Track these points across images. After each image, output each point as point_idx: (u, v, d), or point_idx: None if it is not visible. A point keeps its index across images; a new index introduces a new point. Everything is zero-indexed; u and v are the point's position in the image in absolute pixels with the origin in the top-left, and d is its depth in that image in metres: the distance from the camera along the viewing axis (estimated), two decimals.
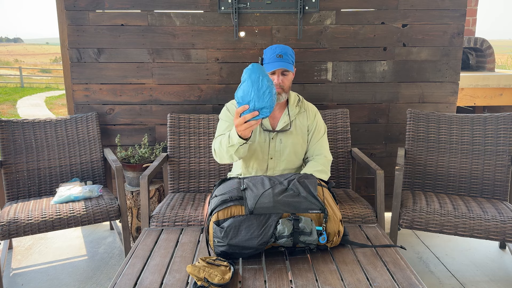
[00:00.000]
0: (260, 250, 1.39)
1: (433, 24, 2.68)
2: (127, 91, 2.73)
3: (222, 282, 1.21)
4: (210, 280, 1.20)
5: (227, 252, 1.38)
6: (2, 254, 2.38)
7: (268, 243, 1.38)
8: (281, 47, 1.91)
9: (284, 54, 1.89)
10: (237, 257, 1.40)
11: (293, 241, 1.39)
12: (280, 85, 1.90)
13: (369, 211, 2.05)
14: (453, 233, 2.01)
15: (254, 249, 1.38)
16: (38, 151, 2.49)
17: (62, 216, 2.08)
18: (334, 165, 2.47)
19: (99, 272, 2.30)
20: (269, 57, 1.90)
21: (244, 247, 1.37)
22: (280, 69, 1.89)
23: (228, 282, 1.23)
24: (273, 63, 1.87)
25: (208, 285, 1.20)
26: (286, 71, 1.91)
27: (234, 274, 1.29)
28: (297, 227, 1.38)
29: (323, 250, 1.46)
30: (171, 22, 2.64)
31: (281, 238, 1.38)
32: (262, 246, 1.38)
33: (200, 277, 1.22)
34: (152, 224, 1.99)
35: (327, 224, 1.44)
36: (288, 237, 1.38)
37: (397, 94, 2.77)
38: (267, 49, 1.93)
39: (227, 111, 2.03)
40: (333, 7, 2.64)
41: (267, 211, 1.40)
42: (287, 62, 1.89)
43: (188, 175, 2.44)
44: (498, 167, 2.32)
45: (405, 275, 1.29)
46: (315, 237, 1.39)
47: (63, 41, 2.72)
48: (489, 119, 2.39)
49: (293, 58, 1.94)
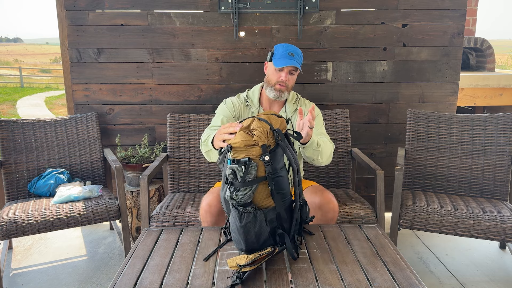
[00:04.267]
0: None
1: (433, 24, 2.68)
2: (127, 91, 2.73)
3: (248, 261, 1.26)
4: (239, 264, 1.27)
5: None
6: (2, 254, 2.38)
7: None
8: (293, 47, 1.94)
9: (295, 53, 1.92)
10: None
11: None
12: (285, 83, 1.92)
13: (369, 211, 2.05)
14: (453, 233, 2.01)
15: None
16: (38, 151, 2.49)
17: (62, 216, 2.08)
18: (334, 165, 2.47)
19: (99, 272, 2.30)
20: (281, 53, 1.91)
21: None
22: (290, 67, 1.91)
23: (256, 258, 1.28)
24: (285, 60, 1.89)
25: (240, 268, 1.25)
26: (294, 70, 1.93)
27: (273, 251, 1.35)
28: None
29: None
30: (171, 22, 2.64)
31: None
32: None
33: (234, 266, 1.28)
34: (152, 224, 1.99)
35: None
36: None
37: (397, 94, 2.77)
38: (279, 46, 1.94)
39: (224, 104, 2.05)
40: (333, 7, 2.64)
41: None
42: (298, 62, 1.91)
43: (188, 175, 2.44)
44: (498, 167, 2.32)
45: (405, 275, 1.29)
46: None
47: (63, 41, 2.72)
48: (489, 119, 2.39)
49: (302, 59, 1.97)
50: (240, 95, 2.11)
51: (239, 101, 2.06)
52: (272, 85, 1.95)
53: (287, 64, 1.88)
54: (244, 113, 2.04)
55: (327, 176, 2.48)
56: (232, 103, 2.05)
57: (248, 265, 1.25)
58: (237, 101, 2.06)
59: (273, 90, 1.95)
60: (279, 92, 1.94)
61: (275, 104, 2.04)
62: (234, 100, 2.06)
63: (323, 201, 1.83)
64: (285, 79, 1.91)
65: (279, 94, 1.95)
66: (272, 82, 1.95)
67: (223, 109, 2.03)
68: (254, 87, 2.11)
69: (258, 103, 2.05)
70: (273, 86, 1.95)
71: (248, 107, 2.05)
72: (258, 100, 2.05)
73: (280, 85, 1.93)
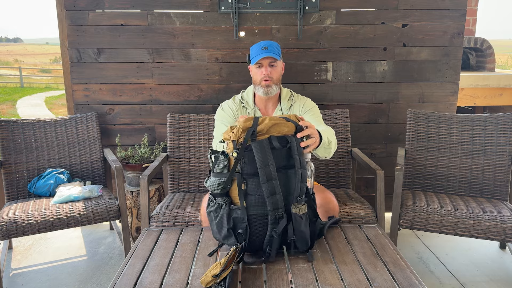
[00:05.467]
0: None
1: (433, 24, 2.68)
2: (127, 91, 2.73)
3: (221, 266, 1.22)
4: (215, 274, 1.21)
5: None
6: (2, 254, 2.38)
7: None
8: (267, 41, 1.97)
9: (269, 46, 1.93)
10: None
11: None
12: (268, 76, 1.93)
13: (369, 211, 2.05)
14: (453, 233, 2.01)
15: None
16: (38, 151, 2.49)
17: (62, 216, 2.07)
18: (334, 165, 2.47)
19: (99, 272, 2.30)
20: (255, 51, 1.95)
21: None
22: (267, 60, 1.93)
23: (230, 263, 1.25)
24: (260, 54, 1.92)
25: (218, 278, 1.20)
26: (273, 62, 1.94)
27: (239, 252, 1.32)
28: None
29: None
30: (171, 22, 2.64)
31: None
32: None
33: (210, 280, 1.22)
34: (152, 224, 1.99)
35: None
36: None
37: (397, 94, 2.77)
38: (253, 46, 1.99)
39: (222, 110, 2.05)
40: (333, 7, 2.64)
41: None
42: (273, 52, 1.92)
43: (188, 175, 2.44)
44: (498, 167, 2.32)
45: (405, 275, 1.29)
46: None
47: (63, 41, 2.72)
48: (489, 119, 2.39)
49: (279, 50, 1.97)
50: (235, 97, 2.12)
51: (235, 104, 2.08)
52: (258, 83, 1.98)
53: (262, 56, 1.90)
54: (242, 115, 2.05)
55: (327, 176, 2.47)
56: (229, 107, 2.07)
57: (223, 271, 1.22)
58: (233, 104, 2.08)
59: (260, 87, 1.98)
60: (267, 88, 1.96)
61: (270, 103, 2.05)
62: (230, 104, 2.08)
63: (323, 201, 1.83)
64: (266, 72, 1.93)
65: (267, 90, 1.97)
66: (258, 80, 1.99)
67: (223, 115, 2.04)
68: (248, 88, 2.14)
69: (253, 103, 2.07)
70: (260, 84, 1.98)
71: (244, 108, 2.07)
72: (253, 101, 2.07)
73: (264, 80, 1.95)
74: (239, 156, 1.36)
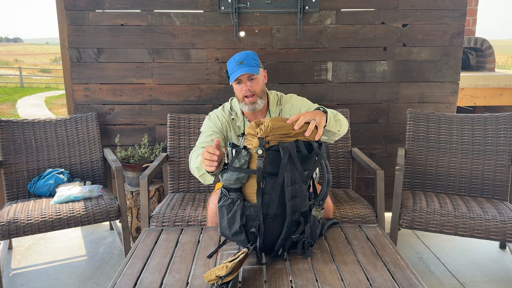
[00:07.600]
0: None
1: (433, 24, 2.68)
2: (127, 91, 2.73)
3: (228, 270, 1.19)
4: (220, 275, 1.19)
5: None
6: (2, 254, 2.38)
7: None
8: (240, 54, 1.85)
9: (244, 59, 1.82)
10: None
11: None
12: (250, 91, 1.83)
13: (369, 211, 2.05)
14: (453, 233, 2.01)
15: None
16: (38, 151, 2.49)
17: (62, 216, 2.07)
18: (334, 165, 2.47)
19: (99, 272, 2.30)
20: (231, 67, 1.84)
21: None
22: (244, 75, 1.82)
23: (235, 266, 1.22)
24: (235, 72, 1.81)
25: (222, 279, 1.19)
26: (251, 76, 1.83)
27: (246, 253, 1.30)
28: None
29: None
30: (171, 22, 2.64)
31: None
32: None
33: (213, 279, 1.21)
34: (152, 224, 1.99)
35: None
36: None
37: (397, 94, 2.77)
38: (229, 61, 1.88)
39: (209, 120, 1.96)
40: (333, 7, 2.64)
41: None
42: (250, 66, 1.81)
43: (188, 175, 2.44)
44: (498, 167, 2.32)
45: (405, 275, 1.29)
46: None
47: (63, 41, 2.72)
48: (489, 119, 2.39)
49: (256, 60, 1.86)
50: (224, 106, 2.02)
51: (224, 114, 1.97)
52: (242, 100, 1.88)
53: (238, 74, 1.79)
54: (230, 128, 1.96)
55: None
56: (217, 118, 1.96)
57: (229, 275, 1.20)
58: (222, 114, 1.97)
59: (245, 105, 1.88)
60: (252, 104, 1.86)
61: (258, 113, 1.95)
62: (219, 114, 1.97)
63: None
64: (247, 88, 1.83)
65: (253, 106, 1.86)
66: (240, 97, 1.89)
67: (209, 126, 1.93)
68: (235, 99, 2.01)
69: (242, 115, 1.97)
70: (243, 101, 1.87)
71: (234, 121, 1.97)
72: (241, 112, 1.97)
73: (246, 97, 1.85)
74: (263, 154, 1.35)
